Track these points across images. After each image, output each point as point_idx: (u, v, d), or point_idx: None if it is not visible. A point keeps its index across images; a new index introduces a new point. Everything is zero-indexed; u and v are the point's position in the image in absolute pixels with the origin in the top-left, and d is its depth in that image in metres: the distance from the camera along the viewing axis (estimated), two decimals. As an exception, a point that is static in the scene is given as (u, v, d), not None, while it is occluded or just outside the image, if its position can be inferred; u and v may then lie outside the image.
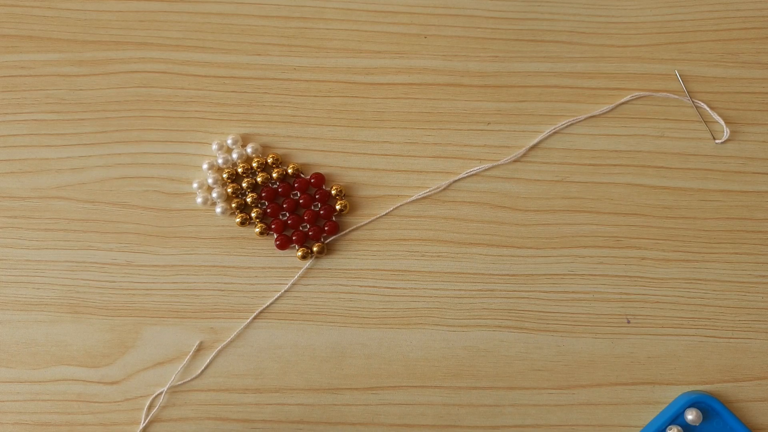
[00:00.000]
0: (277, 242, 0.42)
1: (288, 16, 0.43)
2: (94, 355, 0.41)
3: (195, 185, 0.42)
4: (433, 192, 0.42)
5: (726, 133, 0.42)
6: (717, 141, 0.42)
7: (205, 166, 0.42)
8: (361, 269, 0.42)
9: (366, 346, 0.41)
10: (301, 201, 0.42)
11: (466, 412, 0.41)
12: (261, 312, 0.42)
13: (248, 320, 0.41)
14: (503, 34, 0.43)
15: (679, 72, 0.43)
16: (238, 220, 0.42)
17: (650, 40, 0.43)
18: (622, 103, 0.43)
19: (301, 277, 0.42)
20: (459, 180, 0.42)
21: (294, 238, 0.42)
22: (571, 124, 0.43)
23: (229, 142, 0.42)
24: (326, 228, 0.42)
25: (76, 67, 0.43)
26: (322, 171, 0.42)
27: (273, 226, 0.42)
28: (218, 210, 0.42)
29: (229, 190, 0.42)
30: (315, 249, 0.42)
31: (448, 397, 0.41)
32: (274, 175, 0.42)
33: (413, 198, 0.42)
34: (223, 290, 0.42)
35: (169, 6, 0.43)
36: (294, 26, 0.43)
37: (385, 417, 0.41)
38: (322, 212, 0.42)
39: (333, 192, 0.42)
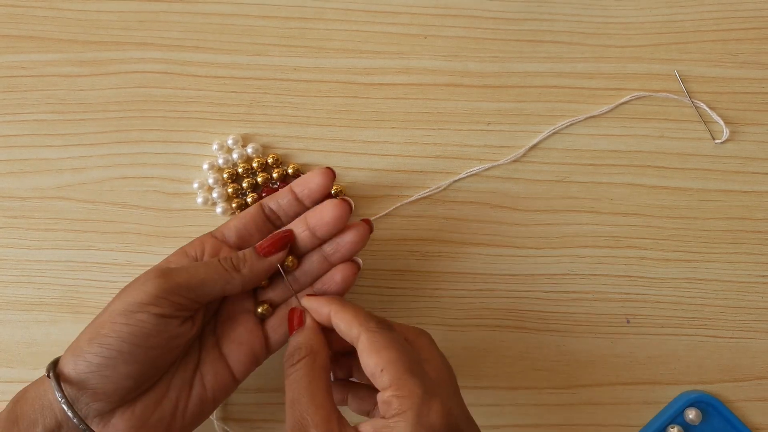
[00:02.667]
0: (278, 242, 0.42)
1: (288, 16, 0.43)
2: (94, 355, 0.41)
3: (195, 185, 0.42)
4: (433, 192, 0.42)
5: (726, 133, 0.42)
6: (717, 141, 0.42)
7: (205, 166, 0.42)
8: (362, 269, 0.42)
9: (366, 346, 0.41)
10: (301, 201, 0.42)
11: (466, 412, 0.41)
12: (261, 312, 0.41)
13: (248, 320, 0.41)
14: (503, 34, 0.43)
15: (679, 72, 0.43)
16: (238, 220, 0.42)
17: (650, 40, 0.43)
18: (622, 103, 0.43)
19: (302, 277, 0.42)
20: (459, 180, 0.42)
21: (294, 238, 0.42)
22: (571, 124, 0.43)
23: (230, 142, 0.42)
24: (326, 228, 0.42)
25: (76, 68, 0.43)
26: (322, 171, 0.42)
27: (273, 226, 0.42)
28: (219, 210, 0.42)
29: (230, 190, 0.42)
30: (315, 249, 0.42)
31: (448, 397, 0.41)
32: (275, 175, 0.42)
33: (413, 198, 0.42)
34: (223, 290, 0.42)
35: (169, 6, 0.43)
36: (294, 26, 0.43)
37: (386, 417, 0.41)
38: (322, 212, 0.42)
39: (333, 192, 0.42)
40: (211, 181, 0.42)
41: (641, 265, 0.42)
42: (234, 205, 0.42)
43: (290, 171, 0.42)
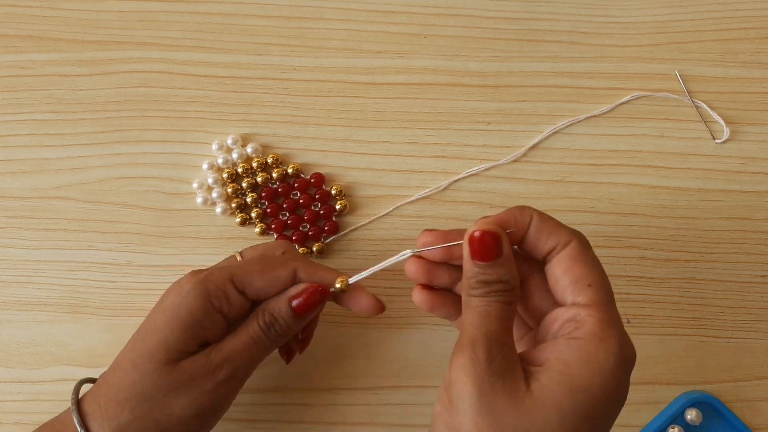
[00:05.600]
0: (277, 242, 0.42)
1: (288, 16, 0.43)
2: (94, 355, 0.41)
3: (195, 185, 0.42)
4: (433, 192, 0.42)
5: (726, 133, 0.42)
6: (717, 141, 0.42)
7: (205, 166, 0.42)
8: (362, 269, 0.42)
9: (366, 346, 0.41)
10: (301, 201, 0.42)
11: (466, 412, 0.41)
12: (261, 312, 0.41)
13: (248, 320, 0.41)
14: (503, 34, 0.43)
15: (679, 72, 0.43)
16: (238, 220, 0.42)
17: (650, 40, 0.43)
18: (622, 103, 0.43)
19: (301, 277, 0.42)
20: (459, 180, 0.42)
21: (294, 238, 0.42)
22: (571, 124, 0.43)
23: (229, 142, 0.42)
24: (326, 228, 0.42)
25: (76, 67, 0.43)
26: (322, 171, 0.42)
27: (273, 226, 0.42)
28: (218, 210, 0.42)
29: (229, 190, 0.42)
30: (315, 249, 0.41)
31: (448, 397, 0.41)
32: (274, 175, 0.42)
33: (413, 198, 0.42)
34: (223, 290, 0.41)
35: (169, 6, 0.43)
36: (294, 26, 0.43)
37: (385, 417, 0.41)
38: (322, 212, 0.42)
39: (333, 192, 0.42)
40: (210, 180, 0.42)
41: (641, 265, 0.42)
42: (233, 205, 0.42)
43: (290, 171, 0.42)
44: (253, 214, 0.42)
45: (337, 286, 0.34)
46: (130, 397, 0.31)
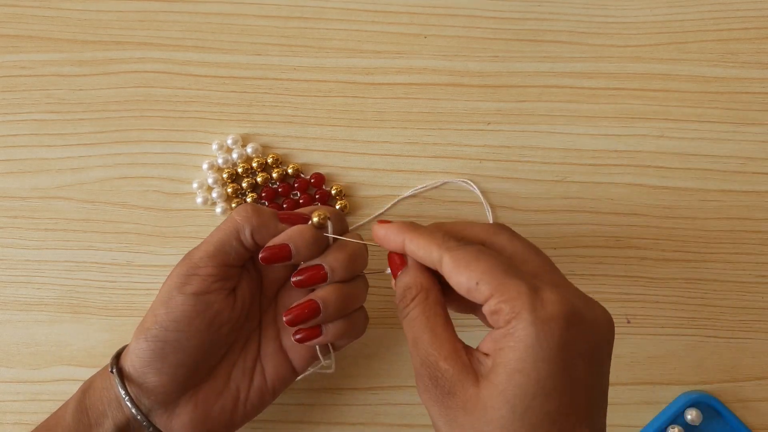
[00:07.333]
0: (277, 242, 0.42)
1: (288, 16, 0.43)
2: (94, 355, 0.41)
3: (195, 185, 0.42)
4: (427, 189, 0.42)
5: (489, 215, 0.42)
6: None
7: (205, 166, 0.42)
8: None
9: (366, 346, 0.41)
10: (301, 201, 0.42)
11: (466, 412, 0.41)
12: (261, 312, 0.41)
13: (248, 320, 0.41)
14: (503, 34, 0.43)
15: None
16: (238, 220, 0.42)
17: (650, 40, 0.43)
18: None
19: (301, 277, 0.42)
20: (458, 180, 0.42)
21: (294, 238, 0.42)
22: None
23: (229, 142, 0.42)
24: (326, 228, 0.42)
25: (76, 67, 0.43)
26: (322, 171, 0.42)
27: (273, 226, 0.42)
28: (218, 210, 0.42)
29: (229, 190, 0.42)
30: (315, 249, 0.41)
31: (448, 397, 0.41)
32: (274, 175, 0.42)
33: (407, 194, 0.42)
34: (223, 290, 0.41)
35: (169, 6, 0.43)
36: (294, 26, 0.43)
37: (385, 417, 0.41)
38: (322, 212, 0.42)
39: (333, 192, 0.42)
40: (210, 180, 0.42)
41: (641, 265, 0.42)
42: (234, 205, 0.42)
43: (290, 171, 0.42)
44: (253, 214, 0.42)
45: (315, 219, 0.34)
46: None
